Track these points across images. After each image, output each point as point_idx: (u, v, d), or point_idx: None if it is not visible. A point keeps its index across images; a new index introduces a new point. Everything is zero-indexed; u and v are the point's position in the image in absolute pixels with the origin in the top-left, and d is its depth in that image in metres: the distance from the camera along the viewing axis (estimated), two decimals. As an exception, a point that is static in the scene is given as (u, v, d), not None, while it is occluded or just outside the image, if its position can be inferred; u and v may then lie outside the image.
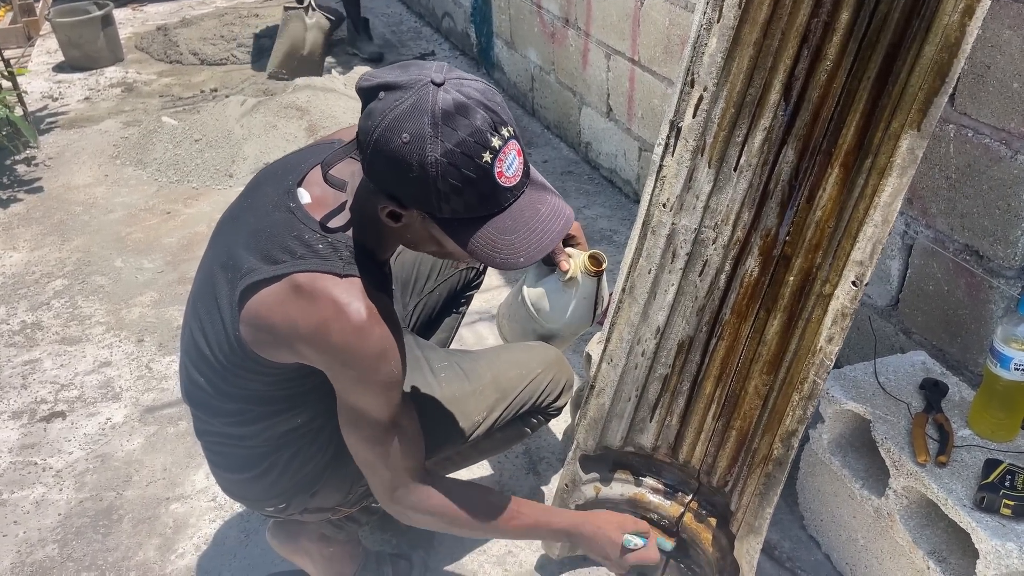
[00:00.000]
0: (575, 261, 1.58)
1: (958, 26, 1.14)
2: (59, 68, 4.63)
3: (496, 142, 1.00)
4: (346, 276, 1.09)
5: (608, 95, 3.00)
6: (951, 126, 1.59)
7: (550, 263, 1.60)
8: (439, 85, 0.99)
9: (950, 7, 1.15)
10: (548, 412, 1.58)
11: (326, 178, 1.10)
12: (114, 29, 4.64)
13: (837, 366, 1.55)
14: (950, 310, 1.69)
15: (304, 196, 1.16)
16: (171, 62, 4.67)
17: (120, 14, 5.36)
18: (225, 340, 1.16)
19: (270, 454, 1.30)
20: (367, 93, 1.03)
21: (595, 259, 1.57)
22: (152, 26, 5.26)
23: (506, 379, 1.50)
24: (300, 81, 3.77)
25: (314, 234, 1.11)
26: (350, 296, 1.08)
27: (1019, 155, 1.47)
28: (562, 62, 3.32)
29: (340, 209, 1.14)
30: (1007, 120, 1.48)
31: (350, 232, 1.13)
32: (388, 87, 1.00)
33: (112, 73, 4.55)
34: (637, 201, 2.91)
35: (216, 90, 4.19)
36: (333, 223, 1.13)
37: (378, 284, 1.14)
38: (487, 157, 0.99)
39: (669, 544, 1.53)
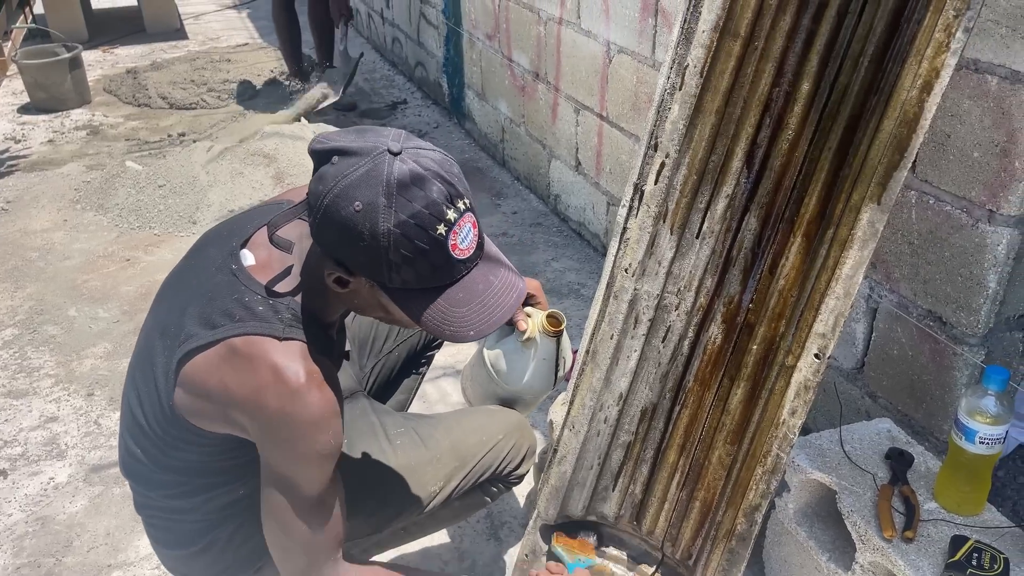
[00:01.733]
0: (533, 321, 1.54)
1: (916, 101, 1.14)
2: (24, 109, 4.56)
3: (452, 215, 0.97)
4: (286, 339, 1.05)
5: (577, 149, 3.01)
6: (913, 192, 1.60)
7: (509, 323, 1.57)
8: (396, 154, 0.96)
9: (908, 82, 1.15)
10: (509, 480, 1.53)
11: (272, 239, 1.06)
12: (82, 71, 4.60)
13: (804, 432, 1.53)
14: (915, 375, 1.68)
15: (248, 258, 1.11)
16: (139, 105, 4.63)
17: (90, 56, 5.32)
18: (160, 410, 1.11)
19: (212, 528, 1.24)
20: (320, 156, 1.00)
21: (554, 319, 1.53)
22: (122, 69, 5.22)
23: (465, 446, 1.45)
24: (268, 128, 3.74)
25: (255, 296, 1.07)
26: (288, 359, 1.04)
27: (980, 223, 1.48)
28: (532, 115, 3.33)
29: (287, 272, 1.10)
30: (968, 189, 1.49)
31: (295, 295, 1.09)
32: (343, 152, 0.98)
33: (78, 115, 4.49)
34: (605, 254, 2.90)
35: (184, 135, 4.14)
36: (279, 287, 1.09)
37: (321, 348, 1.10)
38: (441, 229, 0.97)
39: None
